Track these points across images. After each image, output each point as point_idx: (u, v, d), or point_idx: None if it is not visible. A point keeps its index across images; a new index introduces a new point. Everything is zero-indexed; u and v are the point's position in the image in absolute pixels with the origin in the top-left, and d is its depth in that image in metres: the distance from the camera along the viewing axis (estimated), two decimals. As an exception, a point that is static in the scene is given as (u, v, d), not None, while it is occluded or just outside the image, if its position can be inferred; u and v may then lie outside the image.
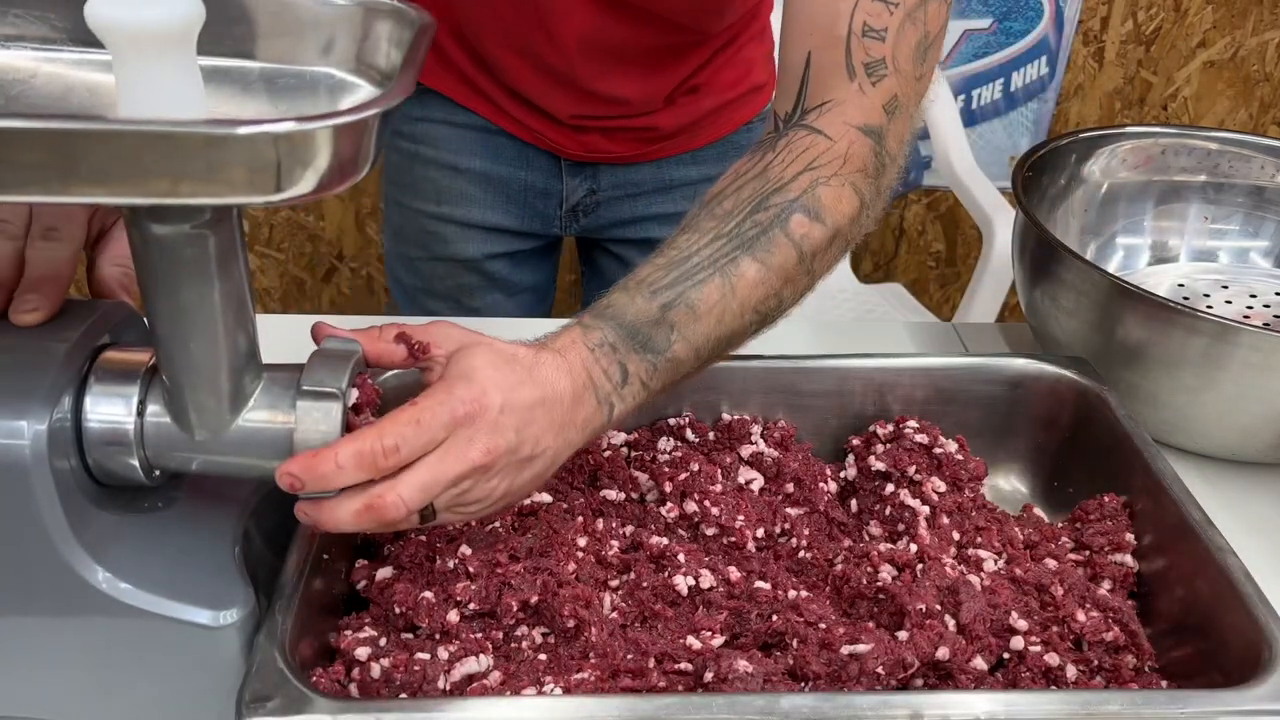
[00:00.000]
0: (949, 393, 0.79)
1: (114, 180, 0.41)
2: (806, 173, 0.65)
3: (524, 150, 1.07)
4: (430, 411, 0.53)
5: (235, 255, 0.50)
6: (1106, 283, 0.80)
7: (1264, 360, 0.74)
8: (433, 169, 1.09)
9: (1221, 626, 0.61)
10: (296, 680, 0.53)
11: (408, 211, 1.13)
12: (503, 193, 1.09)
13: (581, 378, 0.58)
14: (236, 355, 0.52)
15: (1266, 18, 1.98)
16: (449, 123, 1.06)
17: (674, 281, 0.62)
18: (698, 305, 0.61)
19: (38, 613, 0.54)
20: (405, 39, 0.50)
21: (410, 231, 1.14)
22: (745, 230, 0.63)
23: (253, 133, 0.40)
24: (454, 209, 1.10)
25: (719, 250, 0.63)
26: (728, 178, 0.67)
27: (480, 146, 1.07)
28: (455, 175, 1.09)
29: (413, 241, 1.14)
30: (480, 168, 1.08)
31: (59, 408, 0.52)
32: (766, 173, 0.66)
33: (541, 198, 1.10)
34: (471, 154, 1.07)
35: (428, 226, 1.12)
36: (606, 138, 1.05)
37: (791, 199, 0.64)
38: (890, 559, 0.68)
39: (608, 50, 0.96)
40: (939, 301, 2.28)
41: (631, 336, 0.60)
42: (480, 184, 1.09)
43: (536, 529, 0.66)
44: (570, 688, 0.58)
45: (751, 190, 0.65)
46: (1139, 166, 1.03)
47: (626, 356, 0.60)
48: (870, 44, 0.67)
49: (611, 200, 1.11)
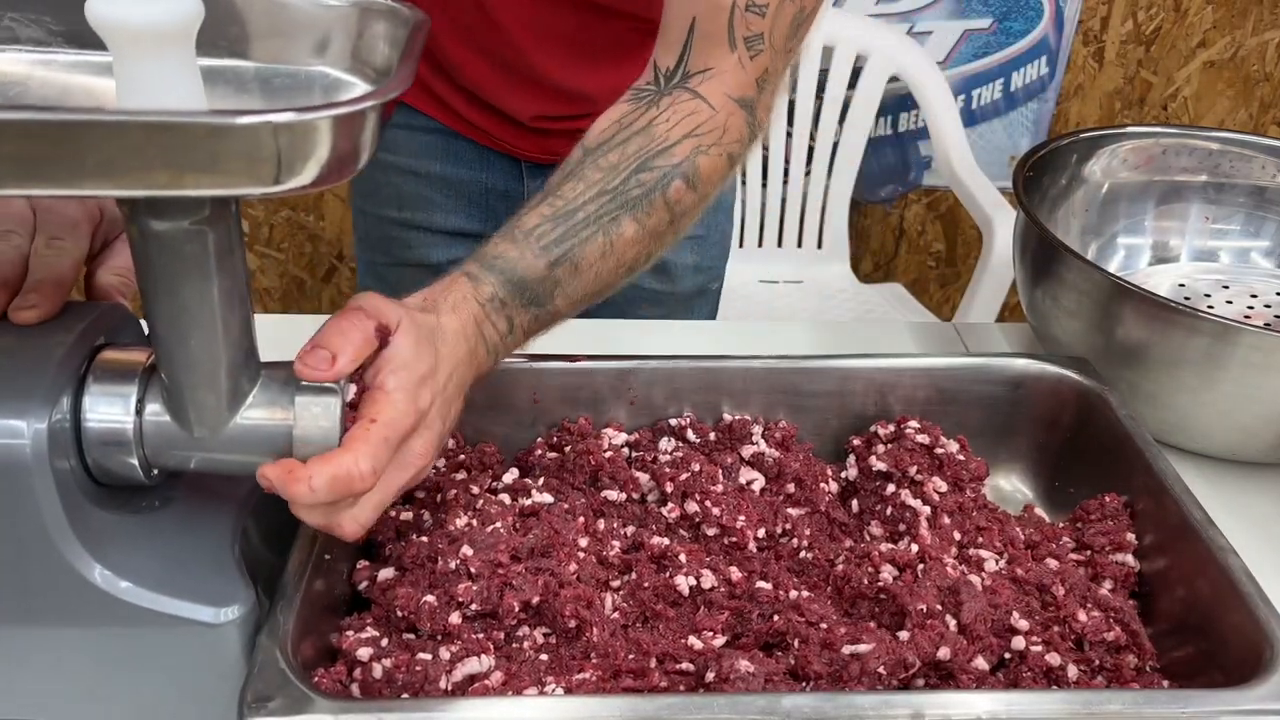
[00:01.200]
0: (950, 393, 0.79)
1: (116, 172, 0.41)
2: (689, 139, 0.68)
3: (483, 153, 1.06)
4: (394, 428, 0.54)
5: (234, 252, 0.50)
6: (1107, 283, 0.80)
7: (1265, 360, 0.74)
8: (394, 174, 1.08)
9: (1223, 626, 0.61)
10: (298, 680, 0.53)
11: (372, 218, 1.13)
12: (464, 196, 1.09)
13: (474, 335, 0.61)
14: (235, 353, 0.52)
15: (1266, 18, 1.99)
16: (409, 127, 1.06)
17: (561, 237, 0.64)
18: (580, 263, 0.64)
19: (38, 613, 0.54)
20: (400, 37, 0.50)
21: (376, 238, 1.14)
22: (629, 189, 0.66)
23: (253, 122, 0.41)
24: (416, 214, 1.09)
25: (603, 207, 0.66)
26: (611, 126, 0.69)
27: (440, 150, 1.07)
28: (416, 180, 1.08)
29: (379, 248, 1.14)
30: (440, 172, 1.07)
31: (58, 407, 0.52)
32: (651, 129, 0.68)
33: (503, 200, 1.09)
34: (431, 158, 1.07)
35: (392, 232, 1.12)
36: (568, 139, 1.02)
37: (674, 164, 0.67)
38: (891, 559, 0.68)
39: (561, 40, 0.94)
40: (939, 301, 2.28)
41: (520, 292, 0.63)
42: (441, 188, 1.08)
43: (538, 529, 0.66)
44: (572, 688, 0.58)
45: (637, 147, 0.68)
46: (1140, 166, 1.03)
47: (514, 310, 0.63)
48: (752, 19, 0.70)
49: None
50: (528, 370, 0.77)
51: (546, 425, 0.78)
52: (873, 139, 1.95)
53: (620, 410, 0.78)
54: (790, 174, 1.92)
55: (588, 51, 0.96)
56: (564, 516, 0.69)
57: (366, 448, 0.52)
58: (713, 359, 0.78)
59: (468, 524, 0.66)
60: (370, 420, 0.53)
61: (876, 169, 2.08)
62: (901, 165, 2.10)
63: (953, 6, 1.95)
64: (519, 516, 0.68)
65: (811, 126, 1.90)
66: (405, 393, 0.55)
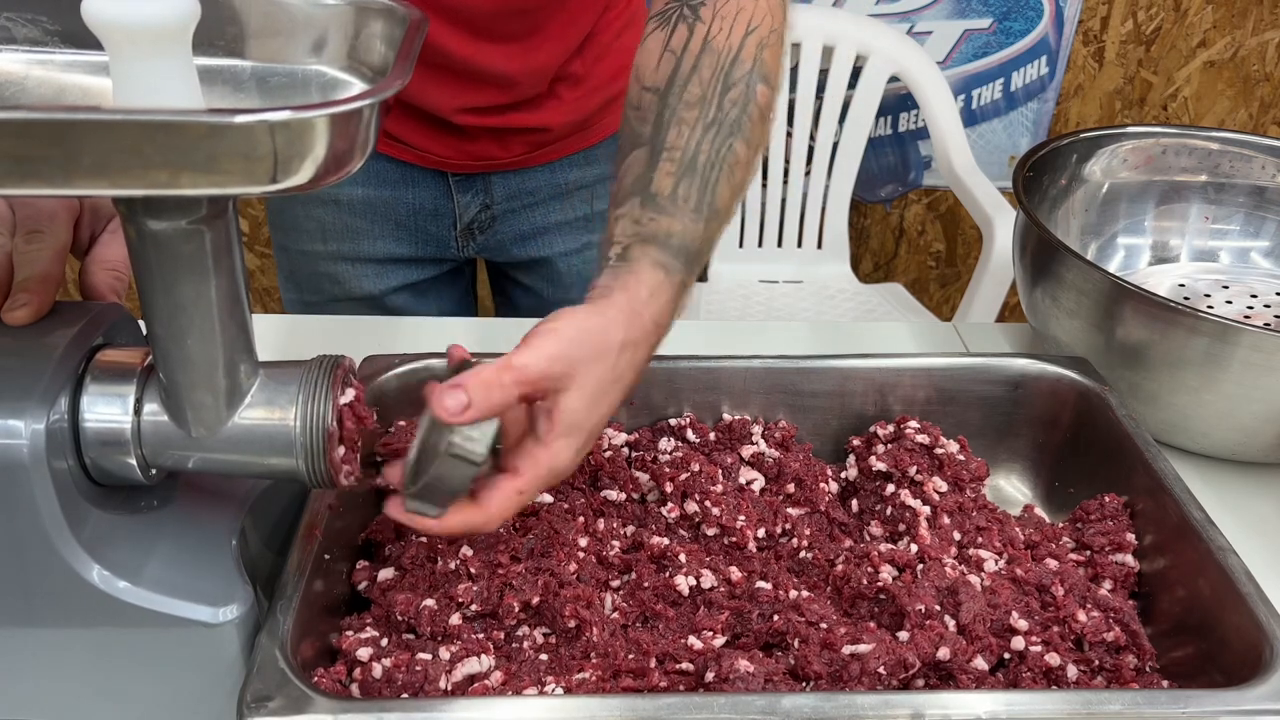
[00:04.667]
0: (950, 393, 0.79)
1: (112, 171, 0.41)
2: (750, 37, 0.67)
3: (407, 171, 1.02)
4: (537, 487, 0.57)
5: (231, 251, 0.50)
6: (1107, 283, 0.80)
7: (1265, 360, 0.74)
8: (314, 206, 1.04)
9: (1222, 626, 0.61)
10: (298, 680, 0.53)
11: (295, 255, 1.08)
12: (390, 219, 1.04)
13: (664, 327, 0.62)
14: (233, 352, 0.52)
15: (1266, 18, 1.98)
16: None
17: (700, 192, 0.64)
18: (720, 208, 0.65)
19: (36, 613, 0.54)
20: (397, 36, 0.50)
21: (302, 276, 1.09)
22: (727, 114, 0.66)
23: (249, 121, 0.40)
24: (342, 245, 1.05)
25: (715, 142, 0.65)
26: (664, 57, 0.67)
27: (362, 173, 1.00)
28: (338, 209, 1.04)
29: (307, 286, 1.09)
30: (363, 196, 1.03)
31: (56, 407, 0.52)
32: (711, 45, 0.66)
33: (432, 219, 1.05)
34: (352, 184, 1.02)
35: (319, 268, 1.07)
36: (497, 142, 1.01)
37: (748, 70, 0.66)
38: (891, 559, 0.68)
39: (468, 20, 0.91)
40: (939, 301, 2.28)
41: (694, 262, 0.64)
42: (365, 214, 1.04)
43: (538, 529, 0.66)
44: (571, 688, 0.58)
45: (709, 68, 0.66)
46: (1139, 166, 1.03)
47: (683, 273, 0.63)
48: None
49: (507, 213, 1.06)
50: (527, 370, 0.77)
51: (546, 425, 0.78)
52: (873, 139, 1.95)
53: (620, 410, 0.78)
54: (790, 174, 1.92)
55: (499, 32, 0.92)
56: (564, 516, 0.69)
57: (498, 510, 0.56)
58: (713, 359, 0.78)
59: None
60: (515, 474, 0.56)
61: (876, 169, 2.08)
62: (901, 165, 2.10)
63: (953, 6, 1.95)
64: (519, 516, 0.68)
65: (811, 126, 1.90)
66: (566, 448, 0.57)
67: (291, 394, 0.54)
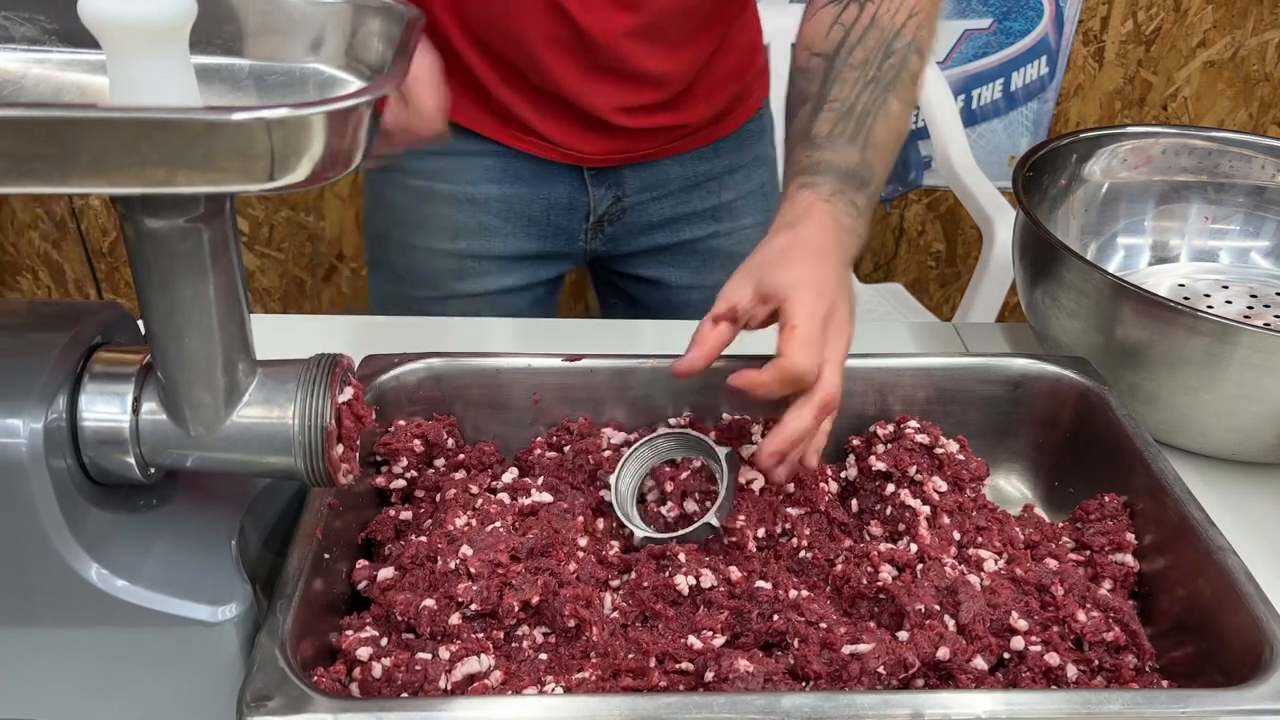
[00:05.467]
0: (950, 393, 0.79)
1: (110, 169, 0.41)
2: (912, 19, 0.79)
3: (544, 167, 1.04)
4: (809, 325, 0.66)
5: (229, 250, 0.50)
6: (1107, 283, 0.80)
7: (1264, 360, 0.74)
8: (445, 204, 1.06)
9: (1222, 626, 0.61)
10: (297, 679, 0.53)
11: (419, 251, 1.09)
12: (524, 216, 1.07)
13: (831, 225, 0.72)
14: (231, 351, 0.52)
15: (1266, 18, 1.98)
16: (465, 152, 1.04)
17: (855, 130, 0.75)
18: (877, 145, 0.76)
19: (35, 613, 0.54)
20: (395, 34, 0.50)
21: (423, 272, 1.10)
22: (885, 74, 0.77)
23: (246, 119, 0.40)
24: (472, 242, 1.07)
25: (873, 95, 0.77)
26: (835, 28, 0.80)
27: (498, 172, 1.05)
28: (473, 207, 1.06)
29: (424, 282, 1.10)
30: (499, 193, 1.05)
31: (54, 407, 0.52)
32: (878, 21, 0.79)
33: (565, 214, 1.08)
34: (489, 181, 1.05)
35: (441, 264, 1.08)
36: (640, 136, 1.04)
37: (907, 43, 0.78)
38: (891, 559, 0.67)
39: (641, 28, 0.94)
40: (939, 301, 2.28)
41: (849, 180, 0.74)
42: (500, 212, 1.06)
43: (537, 529, 0.66)
44: (571, 687, 0.58)
45: (875, 39, 0.79)
46: (1139, 166, 1.03)
47: (853, 195, 0.74)
48: None
49: (637, 205, 1.09)
50: (527, 370, 0.77)
51: (546, 425, 0.78)
52: (873, 139, 1.95)
53: (620, 410, 0.78)
54: (790, 174, 1.92)
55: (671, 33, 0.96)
56: (563, 516, 0.69)
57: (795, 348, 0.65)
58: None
59: (467, 524, 0.66)
60: (791, 327, 0.66)
61: (876, 169, 2.08)
62: (901, 165, 2.09)
63: (953, 6, 1.95)
64: (518, 516, 0.68)
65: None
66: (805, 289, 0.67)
67: (290, 392, 0.54)
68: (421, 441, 0.74)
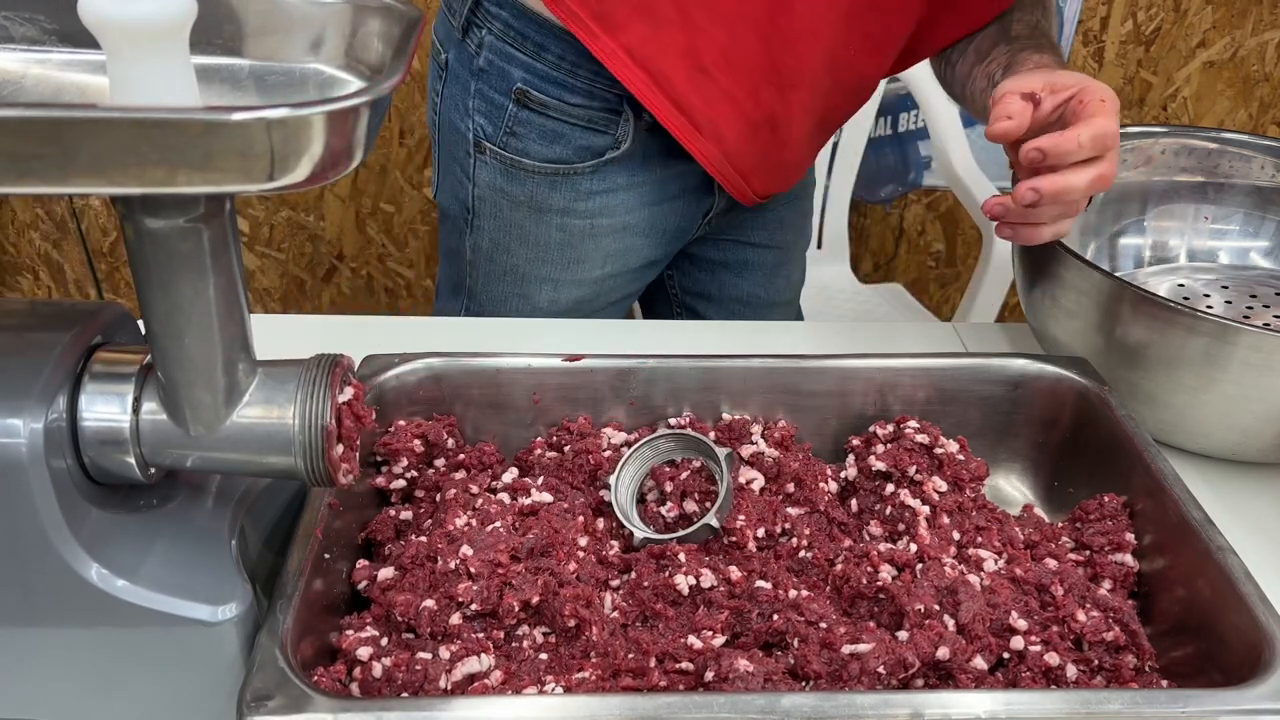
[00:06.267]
0: (949, 393, 0.79)
1: (110, 169, 0.41)
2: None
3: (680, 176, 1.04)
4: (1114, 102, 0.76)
5: (228, 250, 0.50)
6: (1106, 283, 0.80)
7: (1264, 360, 0.74)
8: (605, 237, 1.06)
9: (1222, 626, 0.61)
10: (298, 679, 0.53)
11: (566, 284, 1.08)
12: (661, 230, 1.08)
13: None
14: (231, 351, 0.52)
15: (1266, 18, 1.98)
16: (628, 186, 1.03)
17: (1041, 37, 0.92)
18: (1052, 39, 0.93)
19: (35, 613, 0.54)
20: (394, 34, 0.50)
21: (564, 303, 1.09)
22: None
23: (246, 119, 0.40)
24: (615, 265, 1.08)
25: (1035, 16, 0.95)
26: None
27: (649, 194, 1.04)
28: (625, 233, 1.06)
29: (561, 310, 1.09)
30: (647, 216, 1.06)
31: (54, 406, 0.52)
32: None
33: (690, 218, 1.09)
34: (641, 205, 1.05)
35: (585, 292, 1.09)
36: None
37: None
38: (890, 559, 0.67)
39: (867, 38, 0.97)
40: (939, 301, 2.28)
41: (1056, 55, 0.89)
42: (645, 232, 1.07)
43: (537, 529, 0.66)
44: (571, 687, 0.58)
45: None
46: (1139, 166, 1.03)
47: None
48: None
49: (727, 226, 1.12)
50: (527, 370, 0.77)
51: (546, 424, 0.78)
52: (873, 139, 1.95)
53: (620, 410, 0.78)
54: (790, 174, 1.92)
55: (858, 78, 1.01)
56: (563, 516, 0.69)
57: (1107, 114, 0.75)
58: (712, 359, 0.78)
59: (467, 523, 0.66)
60: (1100, 99, 0.75)
61: (876, 169, 2.08)
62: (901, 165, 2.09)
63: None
64: (518, 516, 0.68)
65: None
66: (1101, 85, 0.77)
67: (290, 392, 0.54)
68: (421, 441, 0.74)
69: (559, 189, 1.02)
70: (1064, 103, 0.77)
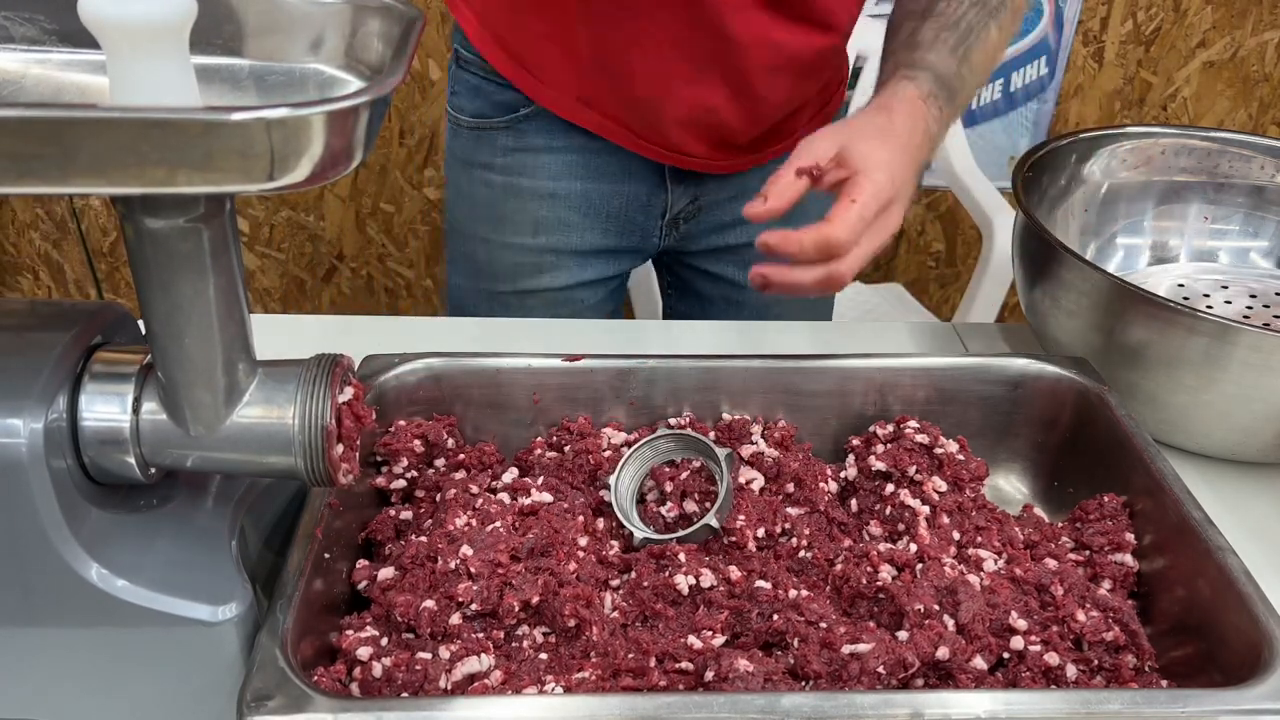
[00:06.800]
0: (949, 393, 0.79)
1: (110, 169, 0.41)
2: None
3: (627, 163, 1.05)
4: (868, 206, 0.70)
5: (228, 250, 0.50)
6: (1106, 283, 0.80)
7: (1264, 360, 0.74)
8: (529, 199, 1.07)
9: (1222, 626, 0.61)
10: (298, 679, 0.53)
11: (498, 246, 1.10)
12: (602, 212, 1.08)
13: (920, 122, 0.77)
14: (231, 351, 0.52)
15: (1266, 18, 1.98)
16: (547, 149, 1.05)
17: (957, 42, 0.81)
18: (974, 62, 0.81)
19: (36, 613, 0.54)
20: (395, 34, 0.50)
21: (501, 267, 1.11)
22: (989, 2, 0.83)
23: (246, 119, 0.40)
24: (551, 237, 1.08)
25: (977, 16, 0.83)
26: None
27: (581, 168, 1.05)
28: (554, 202, 1.07)
29: (502, 276, 1.11)
30: (580, 189, 1.06)
31: (54, 406, 0.52)
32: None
33: (643, 211, 1.08)
34: (572, 176, 1.06)
35: (522, 259, 1.10)
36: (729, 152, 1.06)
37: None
38: (890, 559, 0.67)
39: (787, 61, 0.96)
40: (939, 301, 2.28)
41: (942, 86, 0.79)
42: (580, 208, 1.07)
43: (537, 529, 0.66)
44: (571, 687, 0.58)
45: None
46: (1139, 166, 1.03)
47: (941, 102, 0.79)
48: None
49: (714, 205, 1.10)
50: (527, 370, 0.77)
51: (546, 424, 0.78)
52: (873, 139, 1.95)
53: (620, 410, 0.78)
54: (790, 174, 1.92)
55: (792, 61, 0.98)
56: (563, 516, 0.69)
57: (845, 222, 0.69)
58: (712, 359, 0.78)
59: (467, 523, 0.66)
60: (851, 200, 0.70)
61: (876, 169, 2.07)
62: (901, 165, 2.09)
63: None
64: (518, 516, 0.68)
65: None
66: (872, 178, 0.71)
67: (290, 392, 0.54)
68: (421, 441, 0.74)
69: (482, 144, 1.07)
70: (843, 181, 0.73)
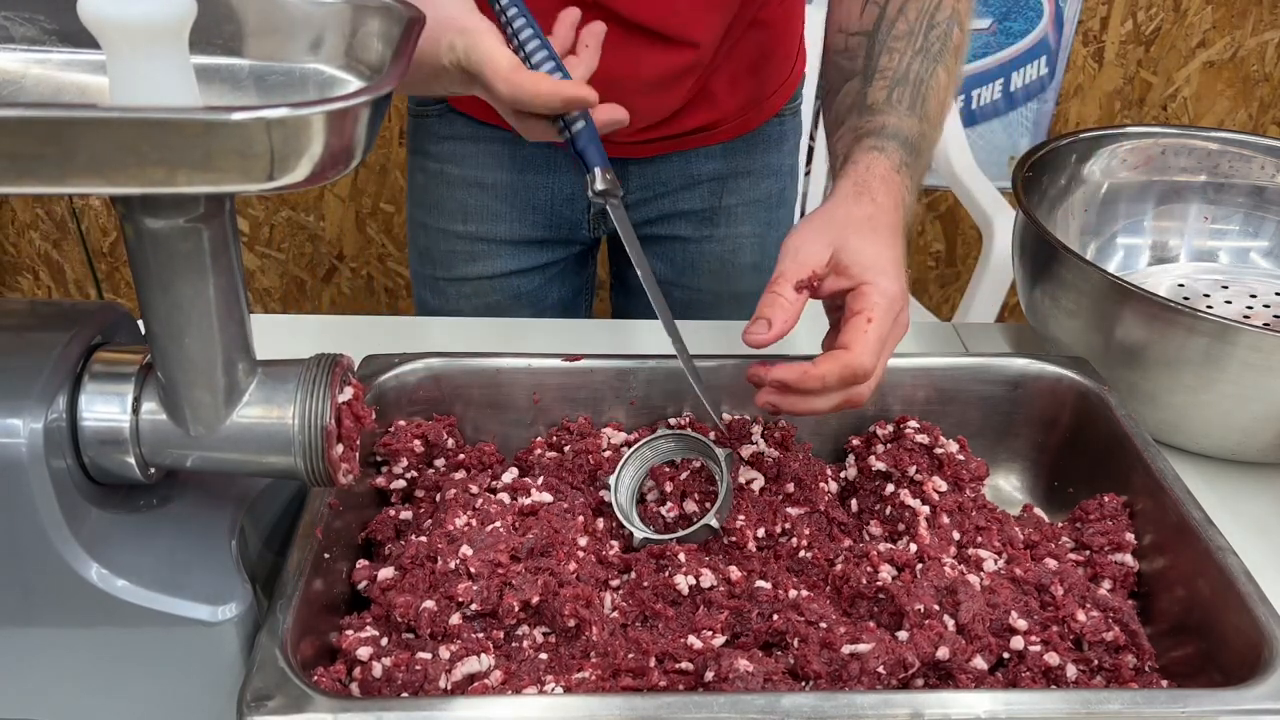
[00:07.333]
0: (949, 393, 0.79)
1: (110, 169, 0.41)
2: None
3: (551, 157, 1.07)
4: (884, 324, 0.66)
5: (228, 249, 0.50)
6: (1106, 283, 0.80)
7: (1264, 360, 0.74)
8: (459, 188, 1.09)
9: (1222, 626, 0.61)
10: (298, 679, 0.53)
11: (434, 232, 1.13)
12: (528, 204, 1.10)
13: (899, 198, 0.72)
14: (231, 351, 0.52)
15: (1266, 18, 1.98)
16: (474, 139, 1.07)
17: (913, 99, 0.77)
18: (930, 115, 0.77)
19: (35, 613, 0.54)
20: (394, 34, 0.50)
21: (437, 253, 1.14)
22: (931, 45, 0.79)
23: (246, 119, 0.40)
24: (480, 225, 1.10)
25: (924, 65, 0.78)
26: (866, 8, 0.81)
27: (506, 159, 1.07)
28: (481, 191, 1.09)
29: (439, 262, 1.14)
30: (506, 180, 1.08)
31: (54, 406, 0.52)
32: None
33: (567, 204, 1.10)
34: (497, 168, 1.08)
35: (455, 246, 1.12)
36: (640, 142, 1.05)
37: (948, 15, 0.80)
38: (890, 559, 0.67)
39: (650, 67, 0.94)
40: (939, 301, 2.28)
41: (909, 150, 0.75)
42: (506, 198, 1.09)
43: (537, 529, 0.66)
44: (571, 687, 0.58)
45: (915, 12, 0.80)
46: (1139, 166, 1.03)
47: (911, 169, 0.74)
48: None
49: (638, 203, 1.11)
50: (527, 370, 0.77)
51: (546, 425, 0.78)
52: (872, 139, 1.95)
53: (620, 410, 0.78)
54: (790, 174, 1.92)
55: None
56: (563, 516, 0.69)
57: (866, 346, 0.64)
58: (712, 359, 0.78)
59: (467, 524, 0.66)
60: (867, 320, 0.65)
61: (876, 169, 2.07)
62: (901, 165, 2.09)
63: (953, 7, 1.95)
64: (518, 516, 0.68)
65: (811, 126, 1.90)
66: (887, 278, 0.67)
67: (290, 392, 0.54)
68: (421, 441, 0.74)
69: (420, 131, 1.10)
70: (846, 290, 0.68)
